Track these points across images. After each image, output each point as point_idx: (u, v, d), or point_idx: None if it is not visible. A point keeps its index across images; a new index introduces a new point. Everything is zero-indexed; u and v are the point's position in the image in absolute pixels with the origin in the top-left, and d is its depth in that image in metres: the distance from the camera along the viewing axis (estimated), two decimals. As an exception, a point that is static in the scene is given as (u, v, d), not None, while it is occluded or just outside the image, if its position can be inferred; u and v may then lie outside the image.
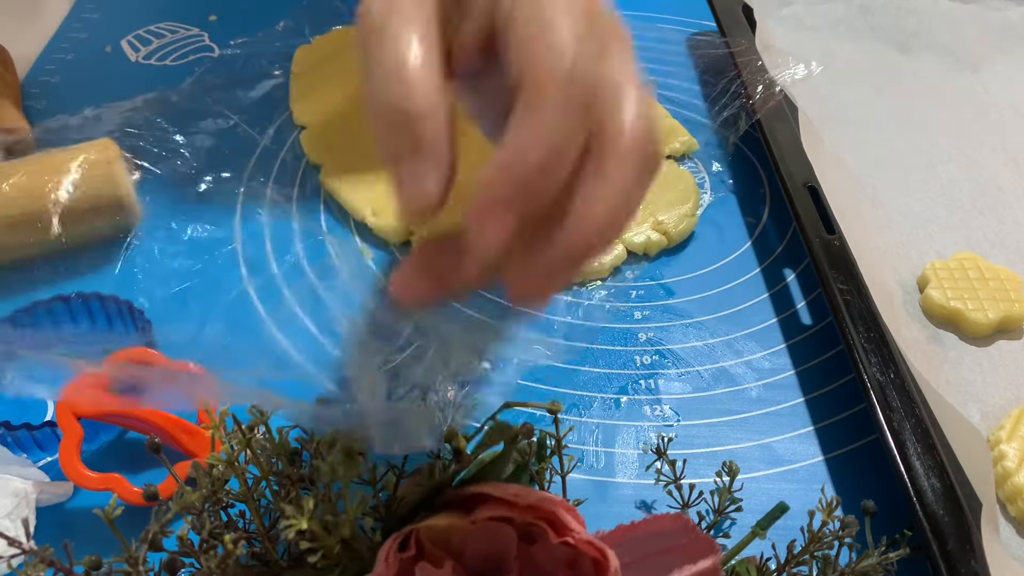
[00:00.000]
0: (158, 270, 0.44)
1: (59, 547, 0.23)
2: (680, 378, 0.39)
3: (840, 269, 0.39)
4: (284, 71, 0.57)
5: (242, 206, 0.48)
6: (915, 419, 0.33)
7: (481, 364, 0.39)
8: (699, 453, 0.36)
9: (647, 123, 0.22)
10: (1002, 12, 0.60)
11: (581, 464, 0.36)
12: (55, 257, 0.43)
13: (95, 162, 0.44)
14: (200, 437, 0.35)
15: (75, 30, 0.62)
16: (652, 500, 0.35)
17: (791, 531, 0.31)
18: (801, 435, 0.37)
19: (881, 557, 0.28)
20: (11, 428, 0.34)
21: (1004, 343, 0.40)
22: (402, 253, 0.46)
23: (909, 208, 0.47)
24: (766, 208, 0.48)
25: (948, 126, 0.52)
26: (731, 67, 0.52)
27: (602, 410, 0.38)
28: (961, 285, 0.41)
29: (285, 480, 0.26)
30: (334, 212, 0.48)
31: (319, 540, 0.24)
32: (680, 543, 0.25)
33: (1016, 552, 0.32)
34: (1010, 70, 0.56)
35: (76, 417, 0.33)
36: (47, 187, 0.42)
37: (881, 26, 0.60)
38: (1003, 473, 0.34)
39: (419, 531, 0.24)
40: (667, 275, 0.44)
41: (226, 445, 0.25)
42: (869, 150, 0.50)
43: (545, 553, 0.24)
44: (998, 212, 0.46)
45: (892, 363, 0.35)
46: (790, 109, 0.48)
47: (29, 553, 0.22)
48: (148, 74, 0.58)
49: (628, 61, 0.23)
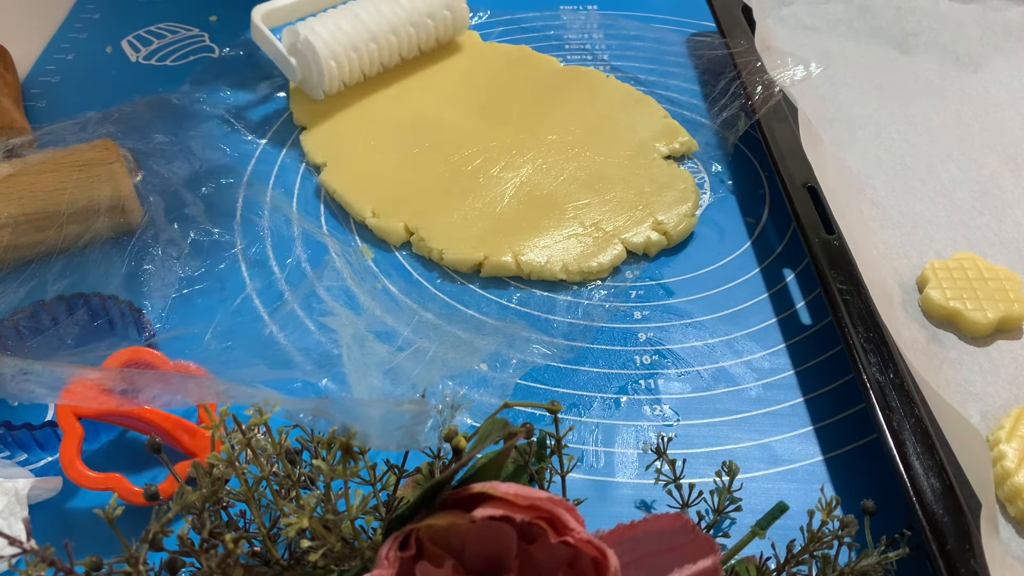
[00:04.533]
0: (159, 271, 0.44)
1: (59, 546, 0.23)
2: (680, 378, 0.40)
3: (839, 269, 0.39)
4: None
5: (243, 206, 0.48)
6: (914, 419, 0.33)
7: (480, 364, 0.39)
8: (699, 453, 0.36)
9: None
10: (1002, 12, 0.61)
11: (581, 464, 0.36)
12: (56, 257, 0.43)
13: (96, 162, 0.44)
14: (200, 437, 0.35)
15: (75, 30, 0.62)
16: (652, 500, 0.35)
17: (791, 531, 0.31)
18: (801, 435, 0.37)
19: (881, 557, 0.28)
20: (11, 428, 0.34)
21: (1004, 343, 0.40)
22: (402, 253, 0.46)
23: (909, 208, 0.47)
24: (766, 208, 0.48)
25: (948, 126, 0.52)
26: (731, 67, 0.52)
27: (602, 410, 0.38)
28: (960, 285, 0.41)
29: (285, 480, 0.26)
30: (334, 212, 0.48)
31: (320, 539, 0.24)
32: (680, 543, 0.25)
33: (1016, 552, 0.32)
34: (1010, 70, 0.57)
35: (76, 417, 0.33)
36: (48, 187, 0.42)
37: (881, 26, 0.60)
38: (1002, 473, 0.34)
39: (419, 530, 0.24)
40: (667, 275, 0.44)
41: (226, 445, 0.25)
42: (869, 150, 0.50)
43: (545, 552, 0.24)
44: (998, 212, 0.46)
45: (892, 363, 0.35)
46: (790, 109, 0.48)
47: (29, 552, 0.22)
48: (148, 74, 0.58)
49: None
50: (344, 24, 0.52)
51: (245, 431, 0.25)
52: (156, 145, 0.50)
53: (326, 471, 0.24)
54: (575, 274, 0.43)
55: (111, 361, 0.34)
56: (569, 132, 0.52)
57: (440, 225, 0.46)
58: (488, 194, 0.47)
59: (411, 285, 0.44)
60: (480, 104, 0.54)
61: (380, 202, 0.47)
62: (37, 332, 0.39)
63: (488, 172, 0.49)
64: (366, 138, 0.51)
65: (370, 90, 0.55)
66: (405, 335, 0.41)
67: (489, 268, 0.44)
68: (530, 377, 0.40)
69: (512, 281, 0.44)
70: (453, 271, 0.45)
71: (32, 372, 0.29)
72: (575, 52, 0.60)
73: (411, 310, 0.42)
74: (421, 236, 0.45)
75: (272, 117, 0.54)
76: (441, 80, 0.56)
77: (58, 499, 0.34)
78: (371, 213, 0.47)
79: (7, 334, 0.39)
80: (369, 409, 0.27)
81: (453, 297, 0.43)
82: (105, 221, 0.44)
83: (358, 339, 0.40)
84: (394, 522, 0.25)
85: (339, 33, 0.52)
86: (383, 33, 0.53)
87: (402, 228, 0.46)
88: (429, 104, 0.54)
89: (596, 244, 0.45)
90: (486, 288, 0.44)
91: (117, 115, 0.51)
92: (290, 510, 0.24)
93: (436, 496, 0.25)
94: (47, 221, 0.42)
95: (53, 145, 0.46)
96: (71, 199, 0.42)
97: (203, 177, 0.49)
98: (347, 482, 0.25)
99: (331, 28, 0.52)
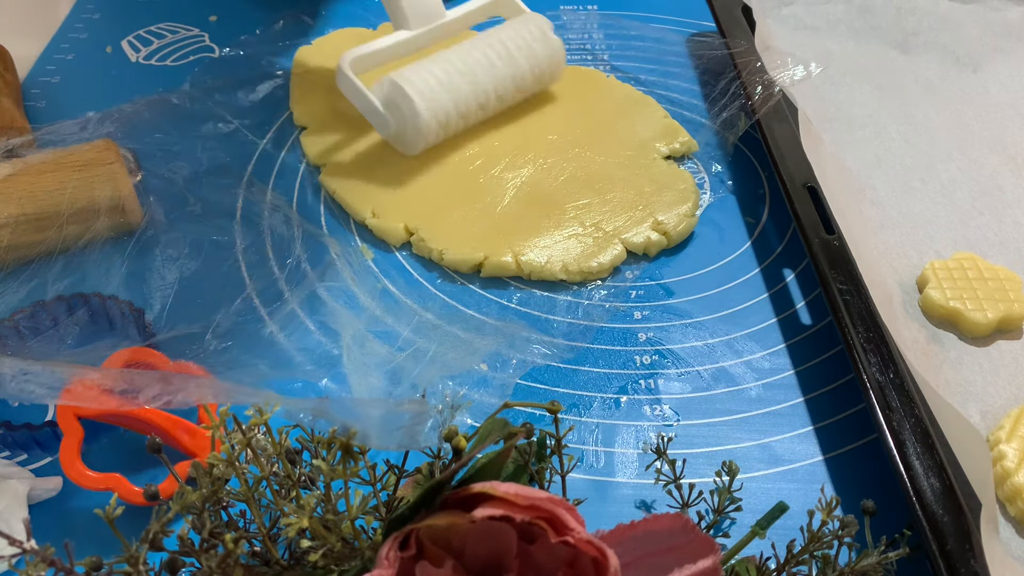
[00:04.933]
0: (159, 271, 0.44)
1: (59, 546, 0.23)
2: (680, 378, 0.40)
3: (839, 269, 0.39)
4: (284, 72, 0.57)
5: (243, 207, 0.48)
6: (914, 419, 0.33)
7: (480, 364, 0.39)
8: (699, 453, 0.36)
9: None
10: (1002, 12, 0.61)
11: (581, 464, 0.36)
12: (56, 257, 0.43)
13: (96, 162, 0.44)
14: (200, 437, 0.35)
15: (75, 30, 0.62)
16: (652, 500, 0.35)
17: (791, 531, 0.31)
18: (801, 435, 0.37)
19: (881, 557, 0.28)
20: (11, 428, 0.34)
21: (1004, 343, 0.40)
22: (402, 253, 0.46)
23: (909, 208, 0.47)
24: (766, 208, 0.48)
25: (948, 126, 0.52)
26: (731, 67, 0.52)
27: (602, 410, 0.38)
28: (960, 285, 0.41)
29: (285, 480, 0.26)
30: (334, 213, 0.48)
31: (320, 539, 0.24)
32: (680, 542, 0.25)
33: (1016, 552, 0.32)
34: (1010, 70, 0.56)
35: (76, 417, 0.33)
36: (48, 187, 0.42)
37: (881, 26, 0.60)
38: (1002, 473, 0.34)
39: (419, 530, 0.24)
40: (667, 275, 0.44)
41: (226, 445, 0.25)
42: (869, 150, 0.50)
43: (545, 552, 0.24)
44: (998, 212, 0.46)
45: (892, 363, 0.35)
46: (790, 109, 0.48)
47: (29, 552, 0.22)
48: (148, 74, 0.58)
49: None
50: (444, 79, 0.47)
51: (245, 431, 0.25)
52: (156, 145, 0.51)
53: (326, 471, 0.24)
54: (575, 274, 0.43)
55: (111, 361, 0.34)
56: (569, 132, 0.52)
57: (440, 225, 0.46)
58: (488, 194, 0.47)
59: (411, 285, 0.44)
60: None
61: (380, 202, 0.47)
62: (37, 332, 0.39)
63: (488, 172, 0.49)
64: (366, 138, 0.51)
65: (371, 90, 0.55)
66: (405, 335, 0.41)
67: (489, 268, 0.44)
68: (530, 377, 0.40)
69: (512, 281, 0.44)
70: (453, 271, 0.45)
71: (32, 372, 0.29)
72: (575, 52, 0.60)
73: (411, 310, 0.42)
74: (421, 236, 0.45)
75: (272, 117, 0.54)
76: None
77: (58, 499, 0.34)
78: (371, 213, 0.47)
79: (7, 334, 0.39)
80: (369, 409, 0.27)
81: (453, 297, 0.43)
82: (105, 221, 0.44)
83: (358, 339, 0.40)
84: (394, 522, 0.25)
85: (440, 91, 0.47)
86: (485, 91, 0.49)
87: (402, 228, 0.46)
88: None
89: (596, 244, 0.45)
90: (486, 288, 0.44)
91: (117, 115, 0.51)
92: (290, 510, 0.24)
93: (436, 496, 0.25)
94: (47, 221, 0.42)
95: (53, 145, 0.46)
96: (71, 199, 0.42)
97: (203, 177, 0.49)
98: (347, 482, 0.25)
99: (432, 85, 0.47)
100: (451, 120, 0.48)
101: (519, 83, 0.51)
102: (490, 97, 0.50)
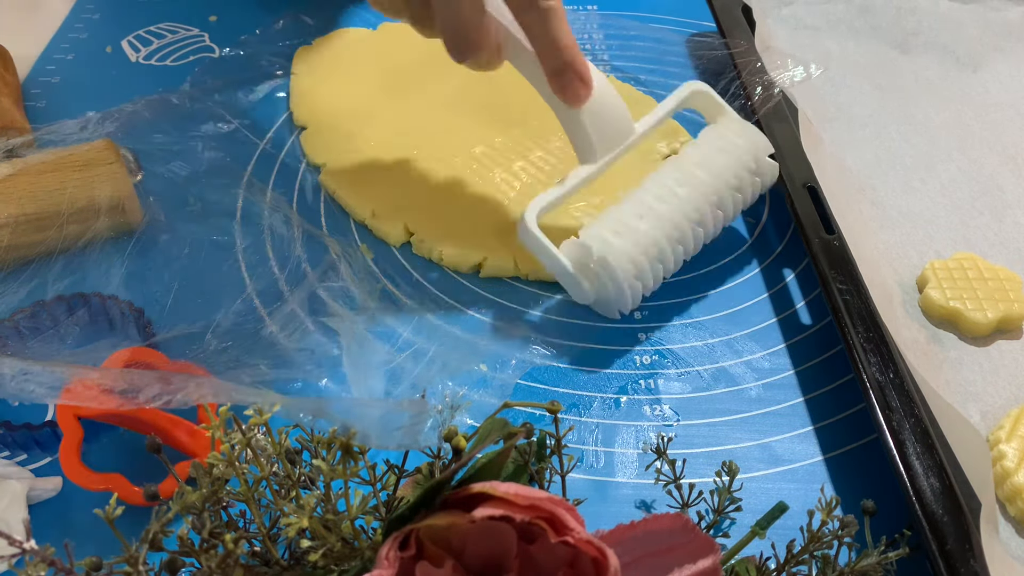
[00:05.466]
0: (159, 271, 0.44)
1: (59, 546, 0.23)
2: (680, 378, 0.40)
3: (839, 269, 0.39)
4: (284, 72, 0.57)
5: (243, 207, 0.48)
6: (914, 419, 0.33)
7: (480, 364, 0.39)
8: (699, 453, 0.36)
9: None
10: (1002, 12, 0.61)
11: (581, 464, 0.36)
12: (56, 257, 0.43)
13: (96, 162, 0.44)
14: (200, 437, 0.35)
15: (75, 30, 0.62)
16: (652, 500, 0.35)
17: (791, 531, 0.31)
18: (801, 435, 0.37)
19: (880, 557, 0.28)
20: (11, 428, 0.34)
21: (1003, 343, 0.40)
22: (402, 254, 0.46)
23: (909, 208, 0.47)
24: (766, 208, 0.48)
25: (948, 126, 0.52)
26: (731, 68, 0.52)
27: (602, 410, 0.38)
28: (960, 285, 0.41)
29: (285, 480, 0.26)
30: (335, 213, 0.48)
31: (320, 539, 0.24)
32: (680, 542, 0.25)
33: (1016, 552, 0.32)
34: (1010, 70, 0.57)
35: (76, 417, 0.33)
36: (48, 187, 0.42)
37: (881, 26, 0.60)
38: (1002, 473, 0.34)
39: (419, 530, 0.24)
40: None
41: (226, 445, 0.25)
42: (869, 150, 0.50)
43: (545, 552, 0.24)
44: (998, 212, 0.46)
45: (891, 363, 0.35)
46: (790, 109, 0.48)
47: (29, 552, 0.22)
48: (148, 74, 0.58)
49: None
50: (646, 231, 0.39)
51: (245, 431, 0.25)
52: (156, 145, 0.51)
53: (326, 471, 0.24)
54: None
55: (111, 361, 0.34)
56: (569, 132, 0.52)
57: (440, 225, 0.46)
58: (488, 195, 0.47)
59: (411, 285, 0.44)
60: (481, 105, 0.54)
61: (380, 202, 0.47)
62: (37, 332, 0.39)
63: (488, 173, 0.49)
64: (366, 138, 0.51)
65: (371, 91, 0.55)
66: (405, 335, 0.41)
67: (489, 268, 0.44)
68: (530, 377, 0.40)
69: (512, 281, 0.44)
70: (453, 271, 0.45)
71: (32, 372, 0.29)
72: (575, 52, 0.60)
73: (411, 310, 0.42)
74: (421, 236, 0.45)
75: (272, 117, 0.54)
76: (442, 81, 0.56)
77: (58, 499, 0.34)
78: (371, 213, 0.47)
79: (7, 334, 0.39)
80: (369, 409, 0.27)
81: (453, 297, 0.43)
82: (105, 221, 0.44)
83: (358, 339, 0.40)
84: (394, 522, 0.25)
85: (641, 246, 0.39)
86: (689, 229, 0.41)
87: (402, 228, 0.46)
88: (430, 105, 0.54)
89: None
90: (486, 288, 0.44)
91: (117, 115, 0.51)
92: (290, 510, 0.24)
93: (436, 496, 0.25)
94: (47, 221, 0.42)
95: (53, 145, 0.46)
96: (71, 199, 0.42)
97: (203, 177, 0.49)
98: (347, 482, 0.25)
99: (630, 243, 0.39)
100: (657, 272, 0.41)
101: (717, 209, 0.42)
102: (696, 232, 0.42)
